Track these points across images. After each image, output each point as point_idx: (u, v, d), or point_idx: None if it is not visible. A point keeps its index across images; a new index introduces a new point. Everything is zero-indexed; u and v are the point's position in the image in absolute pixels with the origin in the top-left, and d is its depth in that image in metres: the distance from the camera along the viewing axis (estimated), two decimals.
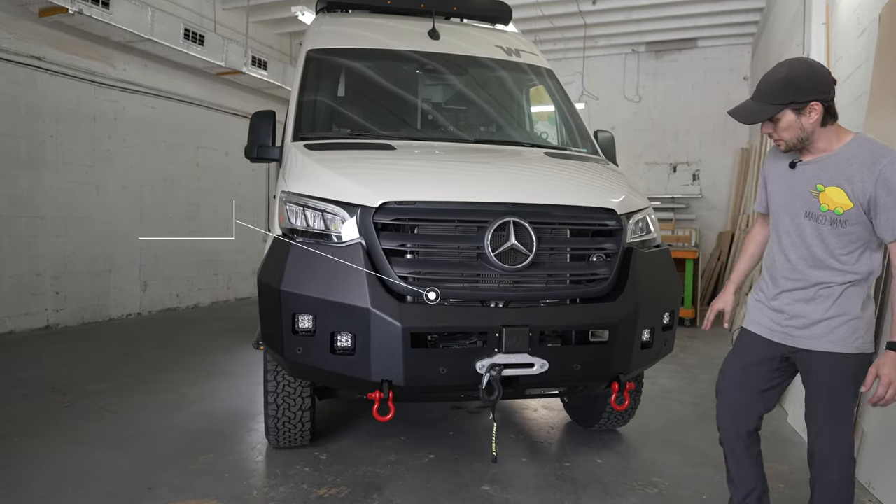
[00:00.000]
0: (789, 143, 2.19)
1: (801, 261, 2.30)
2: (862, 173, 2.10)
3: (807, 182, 2.23)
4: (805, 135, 2.15)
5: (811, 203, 2.22)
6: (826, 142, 2.18)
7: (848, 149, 2.15)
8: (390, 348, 2.81)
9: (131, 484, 3.21)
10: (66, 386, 5.01)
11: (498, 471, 3.48)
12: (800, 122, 2.12)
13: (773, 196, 2.39)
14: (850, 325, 2.24)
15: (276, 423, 3.49)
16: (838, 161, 2.15)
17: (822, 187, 2.17)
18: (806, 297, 2.30)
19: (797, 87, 2.09)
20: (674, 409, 4.83)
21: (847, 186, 2.12)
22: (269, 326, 3.05)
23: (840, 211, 2.14)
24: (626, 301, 3.08)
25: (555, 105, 4.58)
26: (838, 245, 2.22)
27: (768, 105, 2.14)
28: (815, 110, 2.10)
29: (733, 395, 2.49)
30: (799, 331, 2.33)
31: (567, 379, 3.11)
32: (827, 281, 2.25)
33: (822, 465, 2.32)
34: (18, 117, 7.28)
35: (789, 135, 2.16)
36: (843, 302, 2.24)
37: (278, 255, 3.04)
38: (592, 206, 3.17)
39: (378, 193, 2.96)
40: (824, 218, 2.19)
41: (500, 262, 2.91)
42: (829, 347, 2.26)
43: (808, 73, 2.12)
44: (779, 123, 2.16)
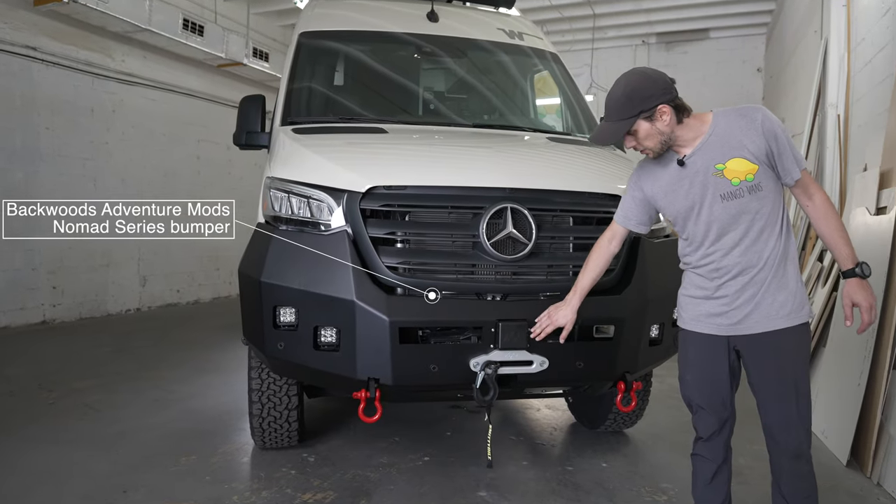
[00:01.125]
0: (656, 149, 2.16)
1: (743, 243, 2.13)
2: (748, 136, 2.09)
3: (704, 169, 2.14)
4: (666, 137, 2.14)
5: (721, 184, 2.12)
6: (692, 131, 2.14)
7: (719, 125, 2.13)
8: (377, 344, 2.61)
9: (107, 486, 3.03)
10: (54, 382, 4.85)
11: (496, 475, 3.27)
12: (656, 127, 2.11)
13: (674, 204, 2.22)
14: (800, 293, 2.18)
15: (261, 422, 3.29)
16: (719, 137, 2.12)
17: (722, 165, 2.11)
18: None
19: (640, 97, 2.09)
20: (683, 410, 4.51)
21: (743, 152, 2.09)
22: (250, 320, 2.86)
23: (751, 177, 2.09)
24: (634, 294, 2.86)
25: (559, 90, 4.35)
26: (766, 210, 2.12)
27: (620, 122, 2.14)
28: (664, 113, 2.10)
29: (707, 398, 2.28)
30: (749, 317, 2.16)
31: (569, 378, 2.90)
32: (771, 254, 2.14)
33: (798, 456, 2.16)
34: (13, 108, 7.14)
35: (652, 142, 2.15)
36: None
37: (259, 245, 2.85)
38: (597, 191, 2.95)
39: (365, 178, 2.75)
40: (741, 190, 2.09)
41: (497, 252, 2.70)
42: (782, 324, 2.14)
43: (644, 81, 2.12)
44: (637, 135, 2.15)
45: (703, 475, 2.28)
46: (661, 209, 2.31)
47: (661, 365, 3.32)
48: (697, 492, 2.32)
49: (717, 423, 2.23)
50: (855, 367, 3.57)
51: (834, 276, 4.52)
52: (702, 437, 2.28)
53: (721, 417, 2.23)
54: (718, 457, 2.25)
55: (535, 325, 2.56)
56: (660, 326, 3.02)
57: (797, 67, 8.09)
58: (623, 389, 2.94)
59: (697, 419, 2.29)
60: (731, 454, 2.30)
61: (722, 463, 2.26)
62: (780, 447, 2.18)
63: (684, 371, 2.31)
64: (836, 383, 3.84)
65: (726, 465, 2.28)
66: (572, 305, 2.50)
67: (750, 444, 3.60)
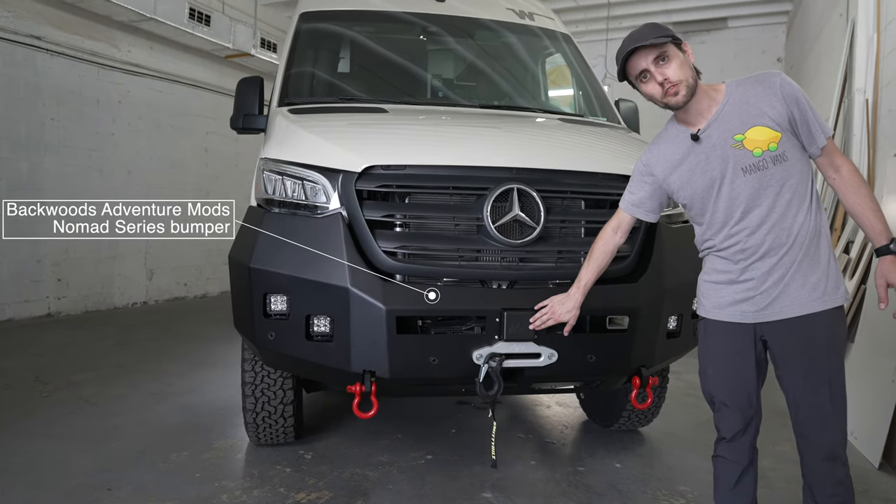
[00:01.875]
0: (688, 84, 1.91)
1: (770, 219, 1.92)
2: (767, 101, 1.91)
3: (722, 141, 1.94)
4: (692, 79, 1.92)
5: (741, 156, 1.92)
6: (706, 100, 1.97)
7: (733, 94, 1.96)
8: (373, 334, 2.43)
9: (92, 483, 2.89)
10: (51, 375, 4.73)
11: (502, 475, 3.08)
12: (686, 60, 1.92)
13: (690, 185, 2.01)
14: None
15: (254, 418, 3.14)
16: (734, 107, 1.94)
17: (741, 135, 1.92)
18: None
19: (666, 30, 1.91)
20: (703, 408, 4.32)
21: (763, 120, 1.91)
22: (240, 309, 2.70)
23: (774, 146, 1.90)
24: (650, 283, 2.66)
25: (571, 72, 4.14)
26: (794, 181, 1.91)
27: (655, 39, 1.87)
28: (689, 52, 1.95)
29: (730, 394, 2.06)
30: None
31: (579, 372, 2.70)
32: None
33: (832, 458, 1.94)
34: (17, 98, 7.05)
35: (685, 73, 1.91)
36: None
37: (250, 229, 2.68)
38: (611, 172, 2.74)
39: (361, 157, 2.57)
40: (764, 161, 1.90)
41: (502, 236, 2.51)
42: (815, 307, 1.93)
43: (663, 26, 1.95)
44: (669, 64, 1.89)
45: (725, 479, 2.07)
46: (675, 193, 2.09)
47: (678, 360, 3.11)
48: (719, 497, 2.10)
49: (741, 421, 2.02)
50: (887, 363, 3.35)
51: (863, 267, 4.27)
52: (724, 437, 2.06)
53: (746, 416, 2.02)
54: (743, 459, 2.04)
55: (535, 314, 2.37)
56: (678, 318, 2.81)
57: (820, 55, 7.79)
58: (638, 385, 2.74)
59: (720, 418, 2.08)
60: (756, 456, 2.09)
61: (747, 466, 2.05)
62: (811, 448, 1.97)
63: (705, 364, 2.10)
64: (867, 380, 3.60)
65: (752, 469, 2.06)
66: (575, 300, 2.30)
67: (773, 444, 3.40)
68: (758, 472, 2.09)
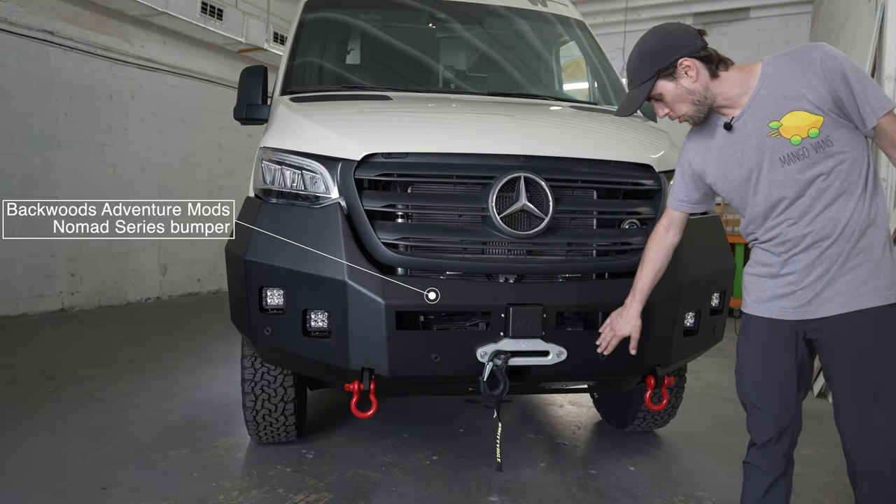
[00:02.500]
0: (692, 114, 1.87)
1: (814, 209, 1.76)
2: (806, 82, 1.72)
3: (757, 130, 1.79)
4: (699, 96, 1.82)
5: (778, 145, 1.76)
6: (737, 87, 1.81)
7: (769, 76, 1.78)
8: (371, 330, 2.31)
9: (87, 482, 2.82)
10: (58, 370, 4.69)
11: (510, 477, 2.96)
12: (682, 87, 1.82)
13: (727, 177, 1.89)
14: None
15: (254, 415, 3.04)
16: (771, 90, 1.77)
17: (777, 122, 1.76)
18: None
19: (654, 56, 1.81)
20: (722, 409, 4.21)
21: (801, 103, 1.72)
22: (237, 303, 2.60)
23: (815, 132, 1.72)
24: (666, 277, 2.50)
25: (586, 59, 3.99)
26: (843, 168, 1.73)
27: (639, 87, 1.86)
28: (688, 67, 1.80)
29: (766, 396, 1.91)
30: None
31: (590, 371, 2.56)
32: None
33: (877, 479, 1.76)
34: (30, 93, 7.04)
35: (685, 106, 1.85)
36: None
37: (246, 220, 2.58)
38: (625, 160, 2.60)
39: (361, 144, 2.46)
40: (804, 150, 1.73)
41: (509, 228, 2.38)
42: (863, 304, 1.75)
43: (658, 37, 1.84)
44: (665, 98, 1.86)
45: (754, 488, 1.92)
46: (713, 184, 1.96)
47: (696, 359, 2.96)
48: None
49: (774, 428, 1.87)
50: None
51: None
52: (755, 443, 1.92)
53: (781, 422, 1.87)
54: (775, 469, 1.88)
55: (599, 336, 2.26)
56: (695, 314, 2.67)
57: (846, 44, 7.52)
58: (653, 385, 2.59)
59: (752, 421, 1.93)
60: (791, 468, 1.93)
61: (779, 477, 1.89)
62: (853, 462, 1.80)
63: (741, 363, 1.96)
64: None
65: (784, 480, 1.90)
66: (633, 310, 2.18)
67: (800, 446, 3.22)
68: (791, 484, 1.93)
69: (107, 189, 7.88)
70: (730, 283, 2.86)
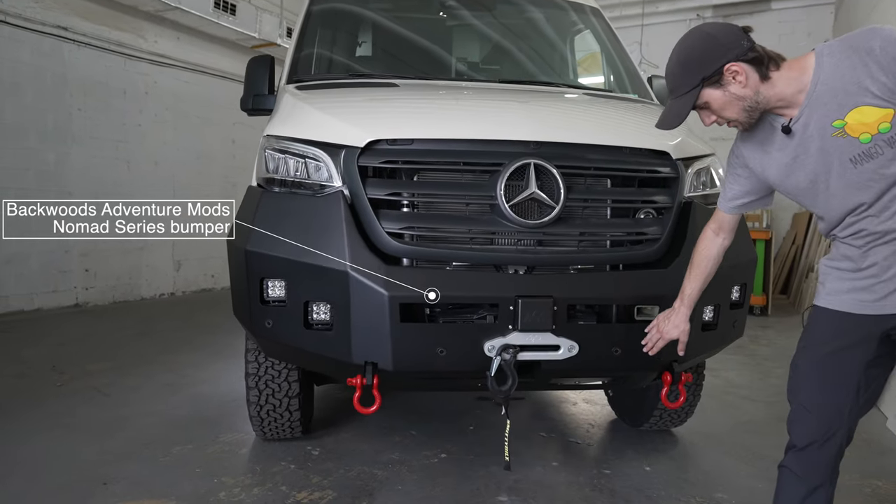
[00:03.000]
0: (742, 119, 1.73)
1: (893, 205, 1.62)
2: (867, 73, 1.55)
3: (819, 132, 1.63)
4: (750, 101, 1.68)
5: (846, 146, 1.60)
6: (791, 85, 1.65)
7: (824, 68, 1.61)
8: (374, 322, 2.23)
9: (88, 477, 2.77)
10: (68, 365, 4.68)
11: (520, 477, 2.86)
12: (730, 93, 1.68)
13: (790, 180, 1.74)
14: None
15: (258, 411, 2.97)
16: (829, 86, 1.61)
17: (841, 121, 1.60)
18: None
19: (697, 62, 1.68)
20: (742, 408, 4.08)
21: (866, 98, 1.56)
22: (238, 295, 2.53)
23: (886, 126, 1.55)
24: (683, 269, 2.39)
25: (601, 47, 3.87)
26: None
27: (682, 97, 1.72)
28: (736, 73, 1.65)
29: (818, 396, 1.76)
30: None
31: (603, 367, 2.46)
32: None
33: None
34: (44, 89, 7.06)
35: (734, 112, 1.71)
36: None
37: (247, 210, 2.52)
38: (640, 147, 2.49)
39: (364, 130, 2.37)
40: (876, 147, 1.58)
41: (518, 217, 2.28)
42: None
43: (700, 41, 1.69)
44: (712, 107, 1.73)
45: (787, 496, 1.76)
46: (775, 186, 1.82)
47: (715, 355, 2.84)
48: None
49: (819, 430, 1.70)
50: None
51: None
52: (795, 444, 1.75)
53: (829, 426, 1.70)
54: (814, 477, 1.71)
55: (646, 336, 2.21)
56: (714, 308, 2.55)
57: None
58: (669, 382, 2.48)
59: (794, 420, 1.77)
60: (835, 479, 1.75)
61: (818, 487, 1.71)
62: None
63: (800, 356, 1.81)
64: None
65: (823, 491, 1.72)
66: (681, 315, 2.13)
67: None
68: (832, 499, 1.74)
69: (121, 185, 7.90)
70: (751, 276, 2.74)
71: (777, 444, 3.26)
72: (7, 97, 6.70)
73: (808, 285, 7.88)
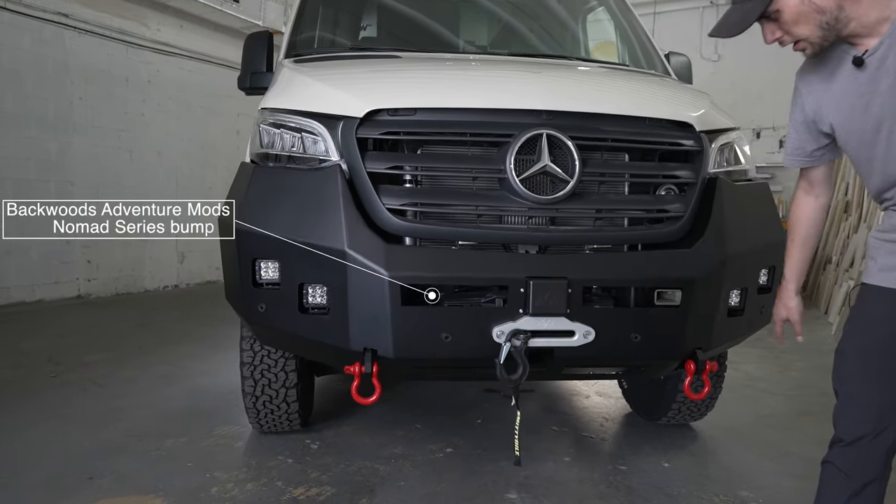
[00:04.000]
0: (814, 39, 1.47)
1: None
2: None
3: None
4: (829, 17, 1.42)
5: None
6: (877, 8, 1.41)
7: None
8: (374, 306, 2.06)
9: (75, 471, 2.63)
10: (65, 356, 4.56)
11: (530, 473, 2.69)
12: (810, 1, 1.41)
13: (850, 123, 1.51)
14: None
15: (254, 402, 2.82)
16: None
17: None
18: None
19: None
20: (763, 401, 3.89)
21: None
22: (230, 277, 2.37)
23: None
24: (708, 249, 2.21)
25: (615, 23, 3.68)
26: None
27: (750, 1, 1.46)
28: None
29: (869, 385, 1.56)
30: None
31: (622, 355, 2.28)
32: None
33: None
34: (45, 77, 6.95)
35: (808, 27, 1.45)
36: None
37: (239, 186, 2.35)
38: (662, 117, 2.30)
39: (363, 100, 2.20)
40: None
41: (529, 192, 2.10)
42: None
43: None
44: (783, 16, 1.46)
45: (832, 494, 1.56)
46: (835, 130, 1.58)
47: (740, 343, 2.66)
48: None
49: (873, 421, 1.51)
50: None
51: None
52: (842, 438, 1.55)
53: (881, 419, 1.51)
54: (864, 472, 1.52)
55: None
56: (741, 292, 2.36)
57: None
58: (693, 372, 2.30)
59: (842, 411, 1.57)
60: (888, 474, 1.55)
61: (868, 483, 1.52)
62: None
63: (847, 340, 1.60)
64: None
65: (874, 489, 1.53)
66: (788, 291, 1.89)
67: None
68: (884, 495, 1.55)
69: (123, 174, 7.78)
70: (779, 258, 2.53)
71: (801, 440, 3.12)
72: (7, 85, 6.59)
73: (825, 277, 7.66)
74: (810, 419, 3.48)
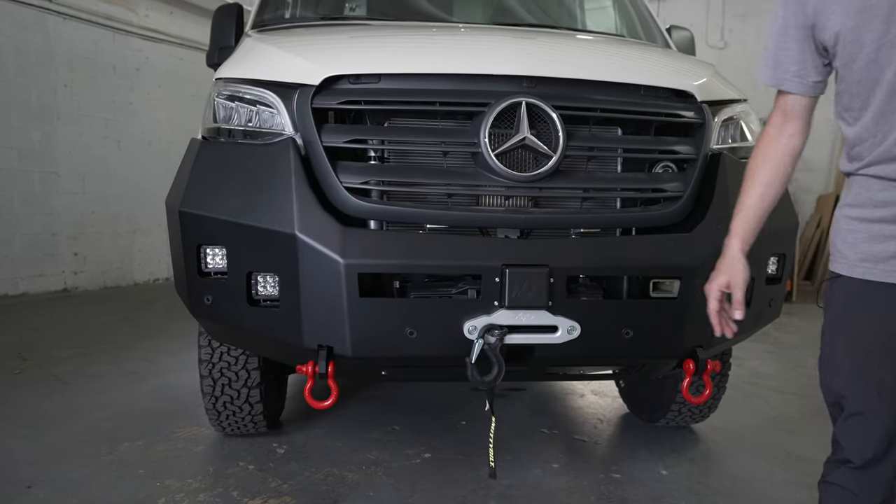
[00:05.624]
0: None
1: None
2: None
3: None
4: None
5: None
6: None
7: None
8: (329, 298, 1.82)
9: (14, 478, 2.40)
10: (34, 351, 4.34)
11: (514, 481, 2.45)
12: None
13: (857, 36, 1.18)
14: None
15: (214, 403, 2.59)
16: None
17: None
18: None
19: None
20: (771, 401, 3.62)
21: None
22: (177, 266, 2.13)
23: None
24: (710, 233, 1.96)
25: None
26: None
27: None
28: None
29: (872, 403, 1.26)
30: None
31: (612, 353, 2.02)
32: None
33: None
34: (27, 63, 6.71)
35: None
36: None
37: (186, 165, 2.12)
38: (659, 85, 2.05)
39: (320, 65, 1.96)
40: None
41: (506, 168, 1.86)
42: None
43: None
44: None
45: None
46: (836, 44, 1.23)
47: (747, 339, 2.40)
48: None
49: (883, 440, 1.25)
50: None
51: None
52: (850, 459, 1.28)
53: (891, 434, 1.25)
54: (872, 496, 1.27)
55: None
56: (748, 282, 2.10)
57: None
58: (692, 371, 2.04)
59: (848, 428, 1.30)
60: (892, 499, 1.30)
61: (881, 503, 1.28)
62: None
63: (835, 349, 1.32)
64: None
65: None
66: (733, 249, 1.44)
67: None
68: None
69: (111, 165, 7.56)
70: (790, 245, 2.29)
71: (814, 444, 2.84)
72: None
73: None
74: (823, 421, 3.19)
